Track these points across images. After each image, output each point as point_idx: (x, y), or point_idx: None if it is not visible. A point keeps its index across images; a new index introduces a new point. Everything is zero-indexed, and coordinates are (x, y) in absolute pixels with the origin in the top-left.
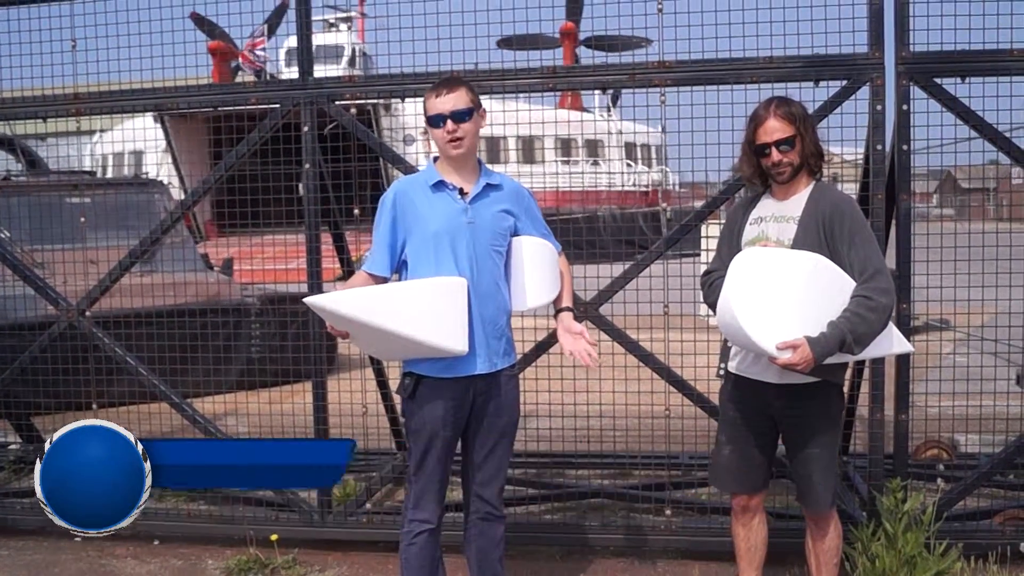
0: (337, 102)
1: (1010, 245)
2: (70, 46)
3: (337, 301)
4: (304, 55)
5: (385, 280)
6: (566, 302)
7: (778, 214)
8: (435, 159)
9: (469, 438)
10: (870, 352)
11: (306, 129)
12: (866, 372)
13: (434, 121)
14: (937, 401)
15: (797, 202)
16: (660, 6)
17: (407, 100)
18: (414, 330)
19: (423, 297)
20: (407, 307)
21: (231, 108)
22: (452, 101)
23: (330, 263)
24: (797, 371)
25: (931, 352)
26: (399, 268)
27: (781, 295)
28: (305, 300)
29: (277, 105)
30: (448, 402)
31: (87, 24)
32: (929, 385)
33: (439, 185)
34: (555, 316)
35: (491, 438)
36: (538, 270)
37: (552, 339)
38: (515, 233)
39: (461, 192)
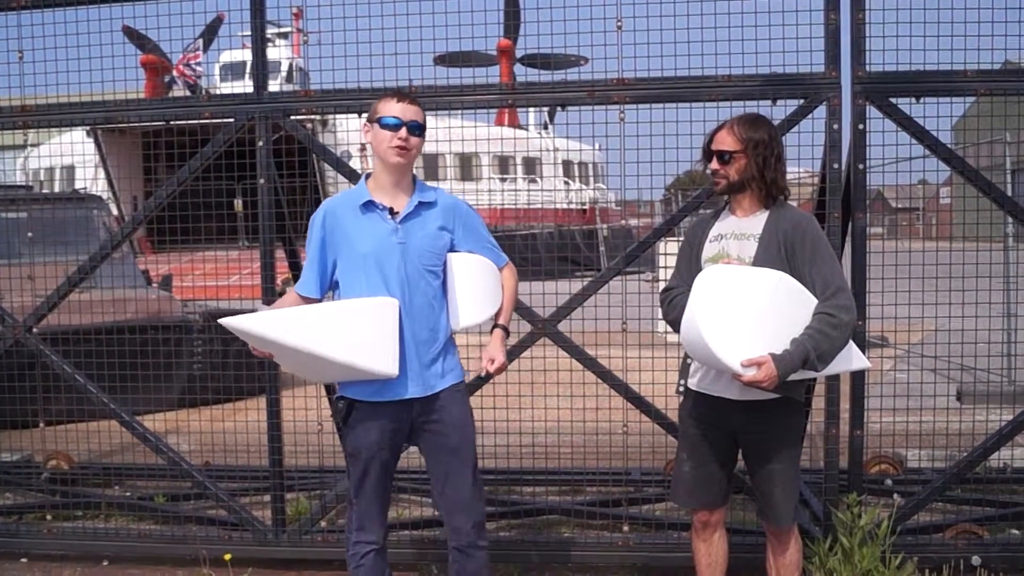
0: (292, 117)
1: (947, 263)
2: (17, 57)
3: (257, 322)
4: (259, 69)
5: (316, 301)
6: (501, 319)
7: (739, 231)
8: (367, 176)
9: (425, 461)
10: (830, 369)
11: (261, 144)
12: (820, 388)
13: (387, 123)
14: (882, 417)
15: (758, 220)
16: (619, 23)
17: (352, 115)
18: (339, 352)
19: (350, 318)
20: (332, 328)
21: (185, 122)
22: (411, 112)
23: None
24: (761, 388)
25: (873, 369)
26: (333, 288)
27: (745, 312)
28: (222, 321)
29: (231, 119)
30: (383, 426)
31: (35, 35)
32: (874, 401)
33: (368, 205)
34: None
35: (443, 459)
36: (471, 288)
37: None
38: (452, 249)
39: (391, 212)
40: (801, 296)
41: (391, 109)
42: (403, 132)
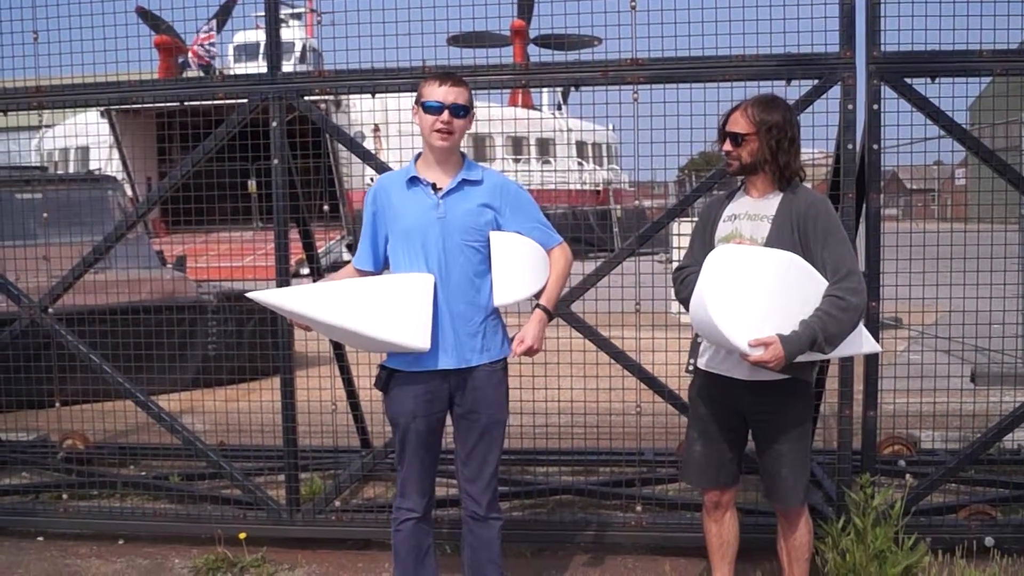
0: (306, 97)
1: (962, 244)
2: (32, 38)
3: (278, 296)
4: (273, 49)
5: (372, 274)
6: (544, 299)
7: (752, 212)
8: (418, 156)
9: (455, 433)
10: (839, 352)
11: (275, 124)
12: (834, 369)
13: (429, 107)
14: (895, 398)
15: (772, 201)
16: (634, 3)
17: (365, 96)
18: (365, 326)
19: (378, 294)
20: (359, 303)
21: (199, 103)
22: (454, 94)
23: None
24: (768, 368)
25: (886, 350)
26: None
27: (754, 292)
28: (248, 294)
29: (245, 100)
30: (418, 396)
31: (50, 16)
32: (887, 383)
33: (413, 181)
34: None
35: (473, 434)
36: (508, 267)
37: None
38: (497, 228)
39: (434, 188)
40: (811, 278)
41: (433, 93)
42: (445, 115)
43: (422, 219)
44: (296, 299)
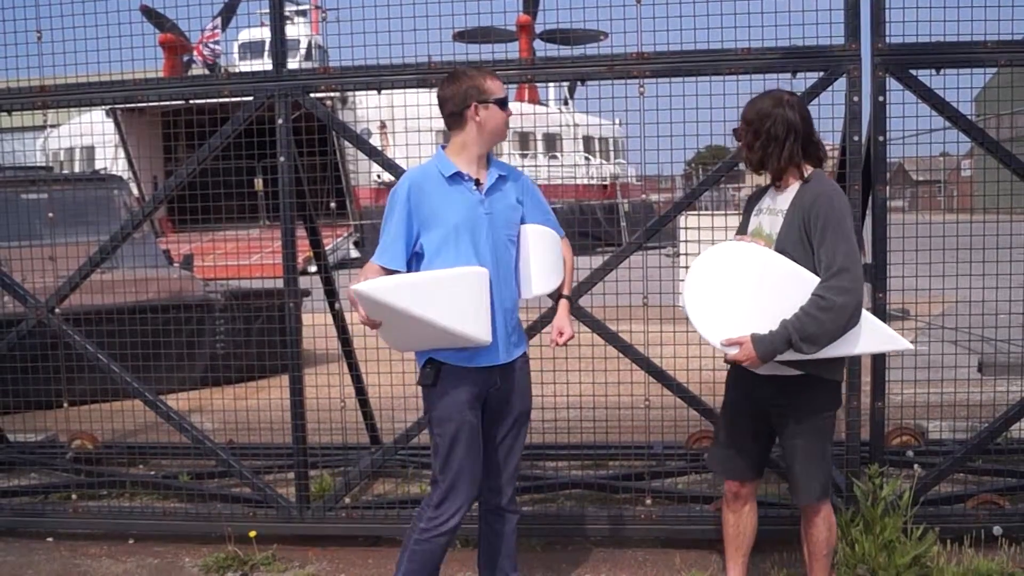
0: (312, 94)
1: (968, 235)
2: (35, 37)
3: (381, 290)
4: (278, 47)
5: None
6: (566, 290)
7: (772, 207)
8: (443, 147)
9: (484, 427)
10: (863, 349)
11: (280, 121)
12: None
13: (504, 103)
14: (903, 389)
15: (788, 195)
16: None
17: (371, 92)
18: (449, 319)
19: (455, 287)
20: (442, 297)
21: (205, 101)
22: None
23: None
24: (744, 366)
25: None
26: (413, 260)
27: (737, 291)
28: (352, 288)
29: (251, 98)
30: (471, 389)
31: (54, 15)
32: (895, 373)
33: (456, 176)
34: (555, 302)
35: (503, 426)
36: (542, 258)
37: (530, 330)
38: (522, 222)
39: (476, 183)
40: (800, 278)
41: (499, 88)
42: (510, 108)
43: (470, 215)
44: (393, 292)
